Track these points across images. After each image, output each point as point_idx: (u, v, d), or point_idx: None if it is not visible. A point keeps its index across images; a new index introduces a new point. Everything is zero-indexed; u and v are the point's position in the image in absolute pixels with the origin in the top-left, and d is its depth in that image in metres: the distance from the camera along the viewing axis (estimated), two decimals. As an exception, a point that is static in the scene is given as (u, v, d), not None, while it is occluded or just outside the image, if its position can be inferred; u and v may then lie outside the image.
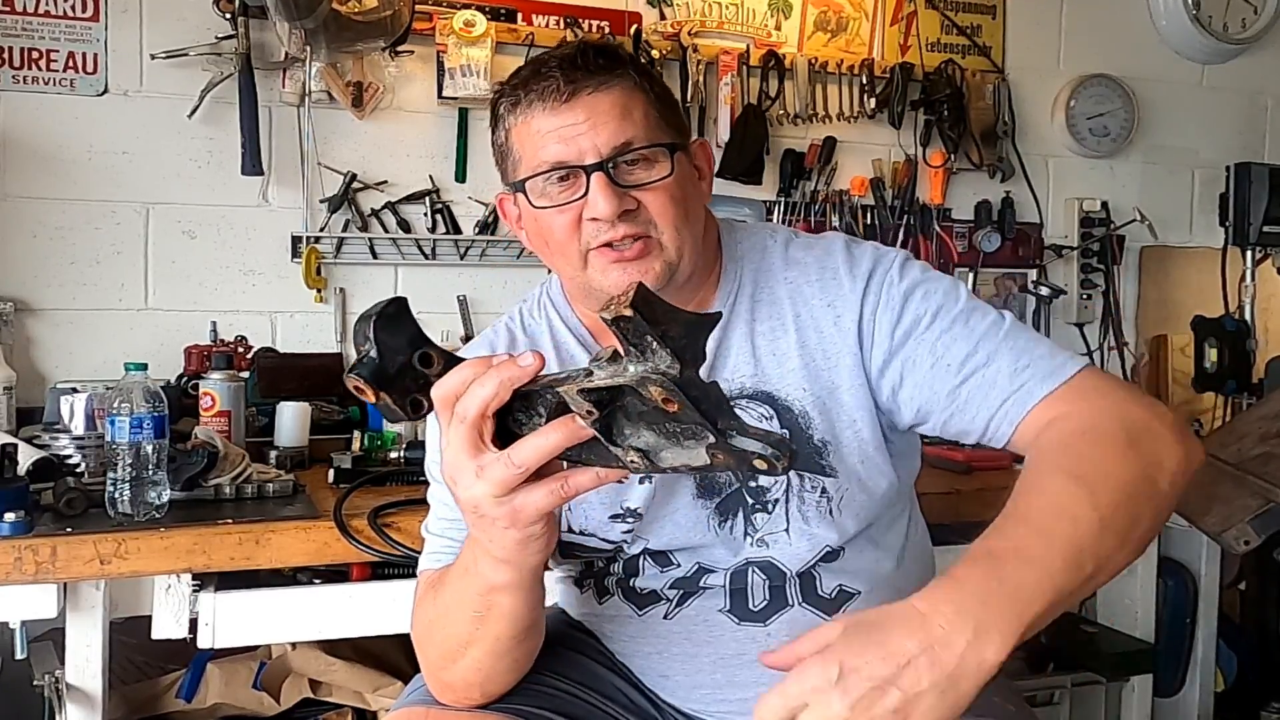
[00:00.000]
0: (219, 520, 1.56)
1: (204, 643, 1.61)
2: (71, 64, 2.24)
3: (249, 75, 2.25)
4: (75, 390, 1.86)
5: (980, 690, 0.77)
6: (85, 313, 2.26)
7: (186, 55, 2.26)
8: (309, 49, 2.24)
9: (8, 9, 2.20)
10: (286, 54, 2.28)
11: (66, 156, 2.24)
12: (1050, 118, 2.99)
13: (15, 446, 1.60)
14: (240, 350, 2.23)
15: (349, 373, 0.81)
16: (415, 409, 0.84)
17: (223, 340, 2.29)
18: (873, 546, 1.18)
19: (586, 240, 1.10)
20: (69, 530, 1.50)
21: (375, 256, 2.43)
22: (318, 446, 2.00)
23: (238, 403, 1.92)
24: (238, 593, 1.62)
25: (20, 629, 1.57)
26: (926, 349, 1.10)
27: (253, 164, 2.26)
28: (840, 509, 1.15)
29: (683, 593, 1.17)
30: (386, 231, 2.43)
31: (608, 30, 2.56)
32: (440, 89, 2.42)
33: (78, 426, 1.80)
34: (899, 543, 1.21)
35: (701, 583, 1.16)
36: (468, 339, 2.47)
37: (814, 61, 2.72)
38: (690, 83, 2.61)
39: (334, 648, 1.90)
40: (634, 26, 2.58)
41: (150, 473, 1.56)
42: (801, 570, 1.15)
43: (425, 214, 2.46)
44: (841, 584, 1.16)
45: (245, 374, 2.09)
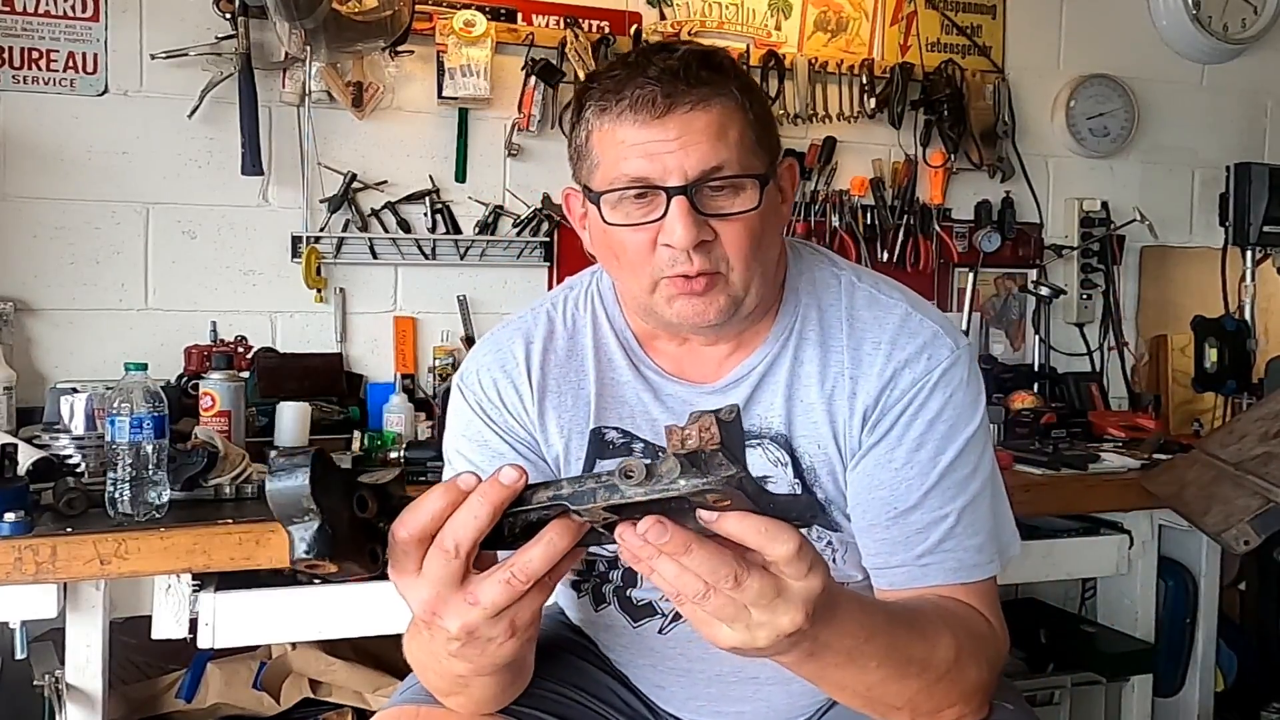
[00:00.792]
0: (219, 520, 1.57)
1: (204, 643, 1.61)
2: (71, 64, 2.24)
3: (249, 75, 2.25)
4: (75, 390, 1.86)
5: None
6: (85, 313, 2.26)
7: (186, 55, 2.26)
8: (309, 49, 2.23)
9: (8, 9, 2.19)
10: (286, 54, 2.28)
11: (66, 156, 2.24)
12: (1050, 118, 2.99)
13: (15, 446, 1.60)
14: (240, 350, 2.23)
15: (297, 557, 0.72)
16: (374, 559, 0.77)
17: (223, 340, 2.28)
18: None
19: (660, 268, 1.05)
20: (69, 530, 1.50)
21: (375, 256, 2.43)
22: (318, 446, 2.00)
23: (238, 403, 1.92)
24: (238, 593, 1.62)
25: (20, 629, 1.57)
26: (889, 474, 1.09)
27: (253, 164, 2.26)
28: (845, 559, 1.15)
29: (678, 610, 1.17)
30: (386, 231, 2.43)
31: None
32: (440, 89, 2.42)
33: (78, 426, 1.80)
34: None
35: None
36: (468, 339, 2.47)
37: (814, 61, 2.71)
38: (690, 83, 2.60)
39: (334, 648, 1.90)
40: (634, 26, 2.58)
41: (150, 473, 1.56)
42: None
43: (425, 214, 2.46)
44: None
45: (245, 374, 2.09)
